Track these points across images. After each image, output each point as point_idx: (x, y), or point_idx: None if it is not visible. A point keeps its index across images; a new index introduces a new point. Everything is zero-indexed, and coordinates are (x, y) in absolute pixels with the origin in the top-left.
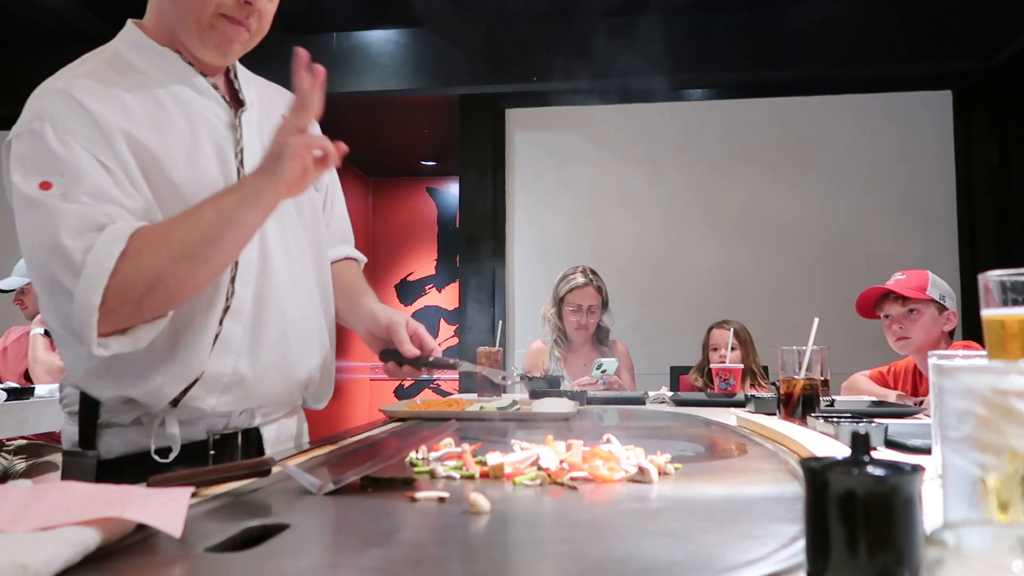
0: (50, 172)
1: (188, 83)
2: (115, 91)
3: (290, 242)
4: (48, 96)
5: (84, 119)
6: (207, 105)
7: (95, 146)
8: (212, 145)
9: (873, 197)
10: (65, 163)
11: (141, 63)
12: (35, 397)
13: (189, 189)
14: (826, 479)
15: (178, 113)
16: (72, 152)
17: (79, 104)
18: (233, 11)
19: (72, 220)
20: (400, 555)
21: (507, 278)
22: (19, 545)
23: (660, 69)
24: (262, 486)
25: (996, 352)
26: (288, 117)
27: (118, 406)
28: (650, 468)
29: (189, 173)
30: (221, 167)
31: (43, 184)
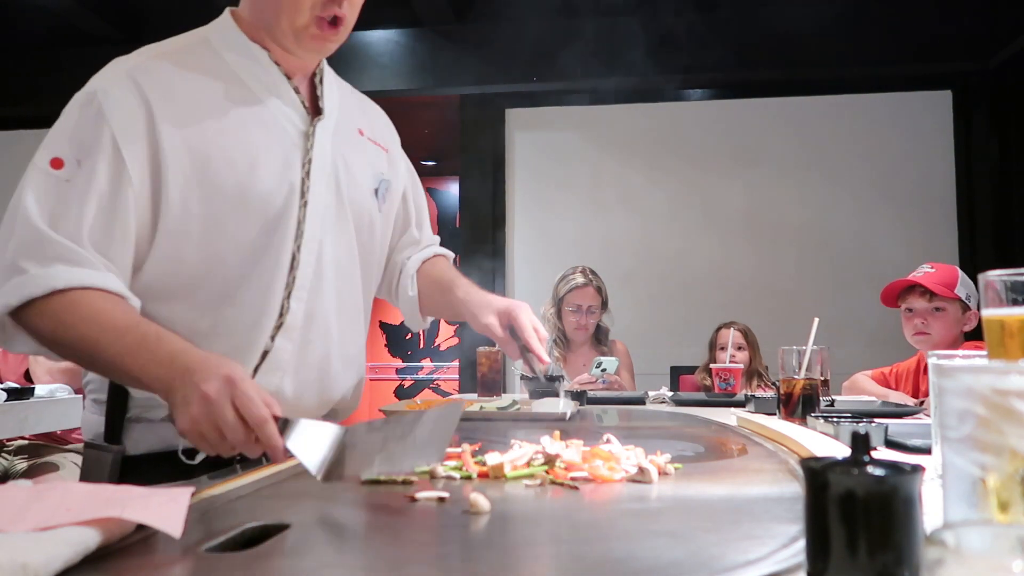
0: (72, 152)
1: (270, 85)
2: (190, 81)
3: (343, 259)
4: (113, 74)
5: (139, 108)
6: (284, 111)
7: (132, 140)
8: (280, 153)
9: (873, 197)
10: (87, 150)
11: (229, 56)
12: (35, 397)
13: (245, 191)
14: (826, 479)
15: (251, 116)
16: (99, 146)
17: (139, 91)
18: (326, 8)
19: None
20: (400, 555)
21: (507, 278)
22: (19, 545)
23: (660, 69)
24: (262, 486)
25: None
26: (266, 434)
27: (150, 400)
28: (650, 468)
29: (247, 177)
30: (284, 175)
31: (55, 161)
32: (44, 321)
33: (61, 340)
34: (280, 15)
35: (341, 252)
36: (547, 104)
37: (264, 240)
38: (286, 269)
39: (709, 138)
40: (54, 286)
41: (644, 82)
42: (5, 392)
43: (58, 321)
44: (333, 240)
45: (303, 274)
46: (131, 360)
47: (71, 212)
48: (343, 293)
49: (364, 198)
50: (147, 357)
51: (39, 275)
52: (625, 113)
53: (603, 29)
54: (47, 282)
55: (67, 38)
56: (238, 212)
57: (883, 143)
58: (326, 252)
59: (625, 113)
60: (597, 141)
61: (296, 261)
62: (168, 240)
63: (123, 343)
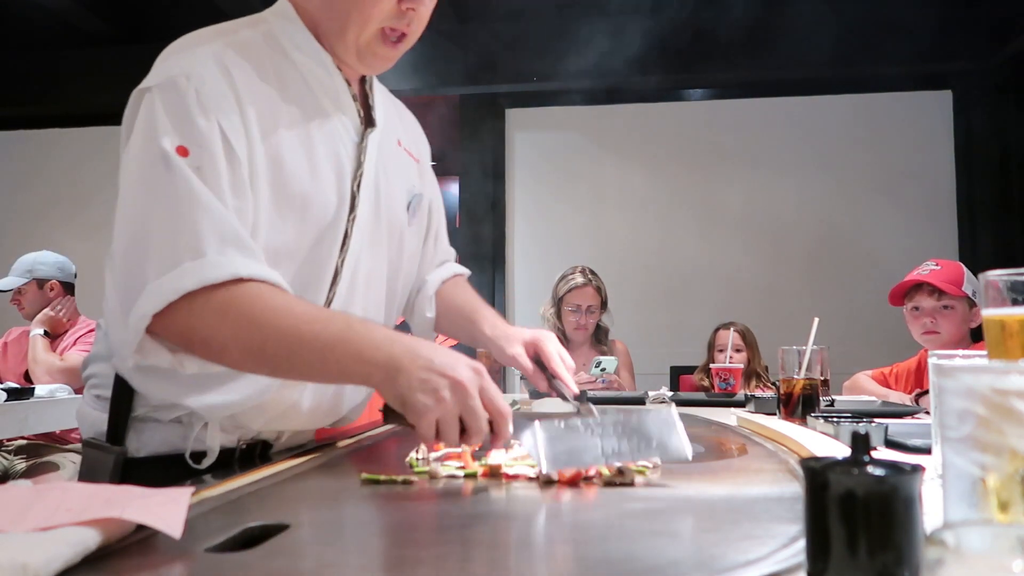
0: (189, 139)
1: (333, 93)
2: (265, 76)
3: (373, 274)
4: (200, 57)
5: (231, 95)
6: (343, 120)
7: (233, 128)
8: (336, 163)
9: (874, 197)
10: (203, 137)
11: (295, 53)
12: (35, 397)
13: (306, 200)
14: (826, 479)
15: (316, 122)
16: (211, 128)
17: (230, 77)
18: (395, 20)
19: (207, 217)
20: (400, 555)
21: (507, 278)
22: (19, 545)
23: (660, 69)
24: (262, 486)
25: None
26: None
27: (161, 400)
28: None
29: (309, 184)
30: (338, 187)
31: (180, 148)
32: (215, 317)
33: (240, 338)
34: (347, 27)
35: (373, 266)
36: (547, 104)
37: (314, 250)
38: (329, 281)
39: (709, 138)
40: (237, 273)
41: (644, 82)
42: (5, 392)
43: (239, 315)
44: (369, 254)
45: (342, 288)
46: (344, 346)
47: (220, 197)
48: (368, 309)
49: (398, 212)
50: (361, 341)
51: (219, 261)
52: (625, 113)
53: (603, 29)
54: (229, 267)
55: (67, 38)
56: (298, 218)
57: (883, 143)
58: (362, 266)
59: (625, 113)
60: (597, 141)
61: (339, 275)
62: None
63: (332, 329)
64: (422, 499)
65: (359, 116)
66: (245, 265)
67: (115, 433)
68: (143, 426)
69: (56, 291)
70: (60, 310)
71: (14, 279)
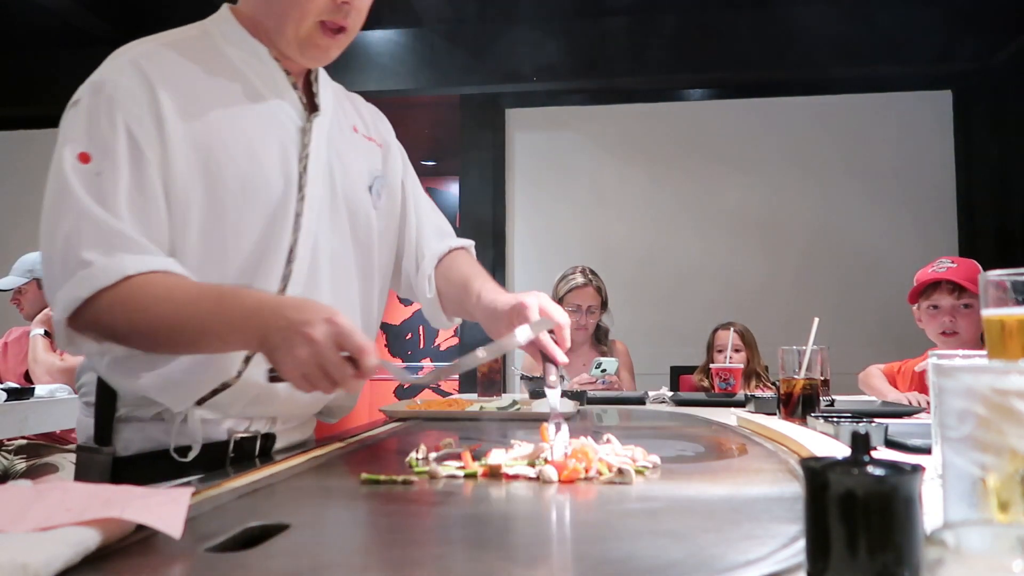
0: (93, 144)
1: (270, 80)
2: (192, 72)
3: (338, 254)
4: (119, 63)
5: (144, 98)
6: (283, 106)
7: (143, 131)
8: (278, 146)
9: (873, 197)
10: (107, 141)
11: (228, 49)
12: (35, 397)
13: (246, 183)
14: (826, 479)
15: (251, 107)
16: (117, 133)
17: (146, 80)
18: (331, 14)
19: (92, 226)
20: (400, 555)
21: (507, 278)
22: (19, 545)
23: (660, 69)
24: (262, 486)
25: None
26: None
27: (139, 399)
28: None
29: (248, 167)
30: (282, 169)
31: (83, 155)
32: (116, 311)
33: (138, 326)
34: (285, 23)
35: (336, 247)
36: (547, 104)
37: (263, 232)
38: (283, 262)
39: (709, 138)
40: (124, 272)
41: (645, 82)
42: (5, 392)
43: (132, 307)
44: (328, 235)
45: (299, 267)
46: (216, 320)
47: (111, 202)
48: (338, 288)
49: (359, 194)
50: (231, 312)
51: (106, 265)
52: (625, 113)
53: (603, 29)
54: (116, 270)
55: (67, 38)
56: (238, 203)
57: (883, 143)
58: (321, 246)
59: (625, 113)
60: (597, 141)
61: (293, 254)
62: (172, 230)
63: (204, 307)
64: (422, 499)
65: (302, 103)
66: (133, 263)
67: (102, 434)
68: (127, 426)
69: None
70: None
71: (14, 279)
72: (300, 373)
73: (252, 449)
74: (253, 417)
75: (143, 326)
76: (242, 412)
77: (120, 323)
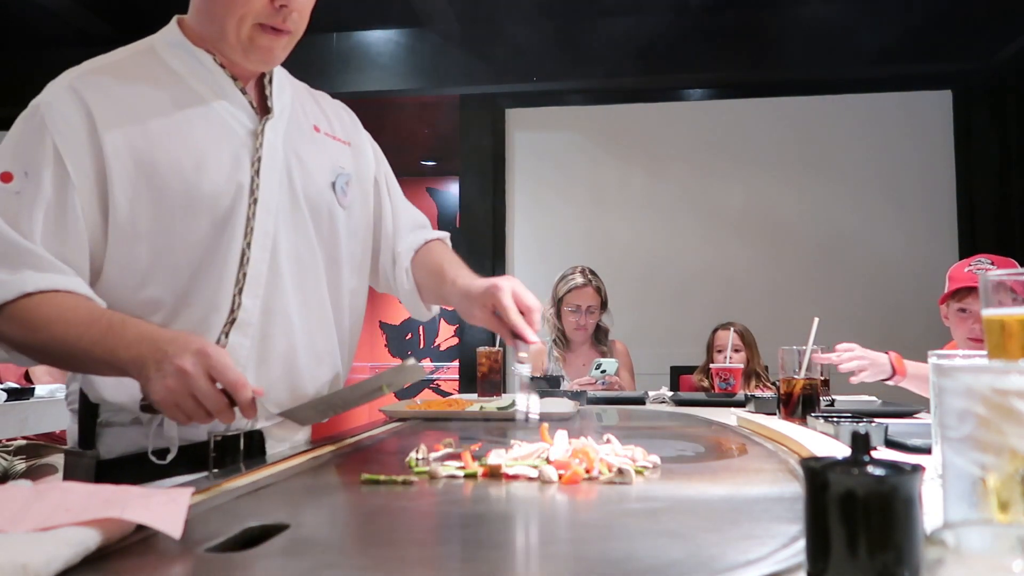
0: (18, 165)
1: (216, 88)
2: (133, 88)
3: (302, 254)
4: (57, 86)
5: (78, 116)
6: (231, 111)
7: (74, 148)
8: (229, 152)
9: (873, 197)
10: (33, 162)
11: (173, 62)
12: (35, 397)
13: (192, 193)
14: (826, 479)
15: (198, 117)
16: (45, 153)
17: (83, 104)
18: (269, 18)
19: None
20: (400, 555)
21: None
22: (19, 545)
23: (660, 69)
24: (262, 486)
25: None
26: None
27: (116, 405)
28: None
29: (193, 178)
30: (232, 174)
31: (5, 175)
32: (14, 326)
33: (32, 343)
34: (226, 28)
35: (300, 247)
36: (547, 104)
37: (213, 239)
38: (236, 266)
39: (709, 138)
40: (23, 289)
41: (644, 82)
42: (5, 392)
43: (27, 324)
44: (289, 236)
45: (256, 271)
46: (101, 348)
47: (24, 221)
48: (306, 288)
49: (321, 193)
50: (115, 341)
51: (8, 280)
52: (625, 113)
53: (603, 29)
54: (17, 286)
55: (67, 38)
56: (186, 212)
57: (883, 143)
58: (281, 248)
59: (625, 113)
60: (597, 141)
61: (247, 257)
62: (120, 242)
63: (91, 333)
64: (422, 499)
65: (252, 106)
66: (33, 280)
67: (85, 438)
68: (108, 430)
69: None
70: None
71: None
72: (172, 402)
73: (236, 447)
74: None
75: (37, 344)
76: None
77: (19, 338)
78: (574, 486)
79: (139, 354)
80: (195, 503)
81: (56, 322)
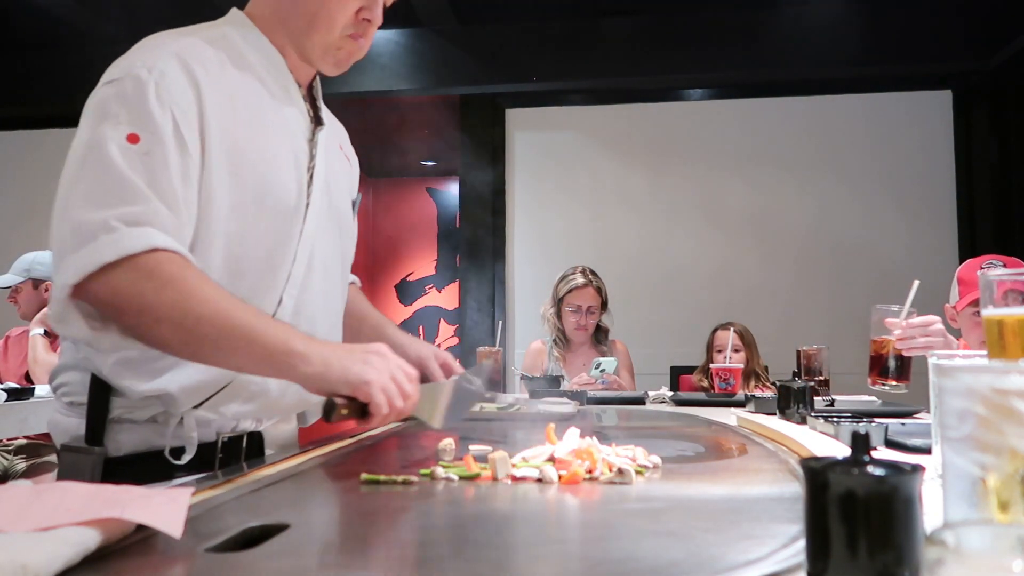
0: (142, 126)
1: (284, 89)
2: (227, 70)
3: (328, 261)
4: (163, 53)
5: (190, 91)
6: (295, 116)
7: (187, 122)
8: (292, 154)
9: (873, 197)
10: (156, 125)
11: (249, 53)
12: (35, 397)
13: (265, 189)
14: (826, 479)
15: (272, 114)
16: (165, 118)
17: (191, 73)
18: (357, 28)
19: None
20: (400, 555)
21: (507, 278)
22: (19, 545)
23: (660, 69)
24: (262, 486)
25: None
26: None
27: (136, 401)
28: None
29: (267, 173)
30: (295, 176)
31: (131, 136)
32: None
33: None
34: (312, 31)
35: (328, 253)
36: (547, 104)
37: (276, 237)
38: (288, 266)
39: (709, 138)
40: (153, 243)
41: (644, 82)
42: (5, 392)
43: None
44: (322, 242)
45: (296, 271)
46: (272, 336)
47: (157, 182)
48: (327, 293)
49: (346, 208)
50: (288, 333)
51: (132, 232)
52: (625, 113)
53: (603, 29)
54: (145, 239)
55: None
56: (258, 209)
57: (883, 143)
58: (316, 252)
59: (625, 113)
60: (597, 141)
61: (295, 260)
62: (203, 231)
63: (260, 319)
64: (422, 499)
65: (309, 115)
66: (162, 238)
67: (93, 435)
68: (120, 427)
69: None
70: None
71: (11, 277)
72: (381, 385)
73: (239, 449)
74: (241, 417)
75: (185, 314)
76: (237, 413)
77: (132, 301)
78: (574, 486)
79: (320, 351)
80: (195, 503)
81: (215, 295)
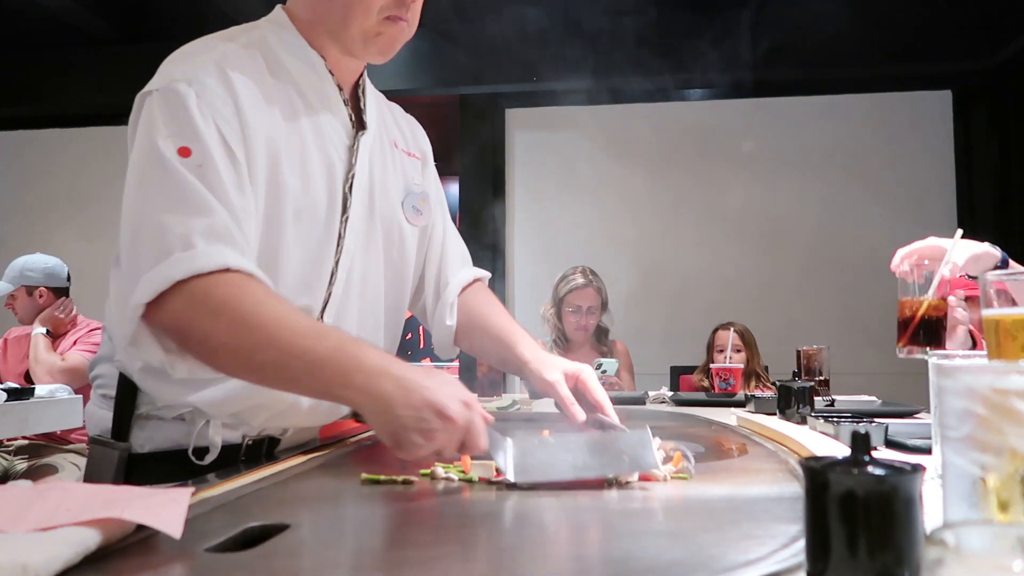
0: (190, 139)
1: (324, 96)
2: (265, 79)
3: (369, 274)
4: (202, 63)
5: (230, 101)
6: (334, 124)
7: (232, 132)
8: (325, 163)
9: (873, 197)
10: (203, 138)
11: (287, 58)
12: (35, 397)
13: (298, 201)
14: (826, 479)
15: (308, 123)
16: (210, 130)
17: (230, 83)
18: (395, 9)
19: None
20: (400, 555)
21: (507, 278)
22: (19, 545)
23: (660, 69)
24: (262, 486)
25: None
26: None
27: (163, 399)
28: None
29: (303, 186)
30: (328, 186)
31: (183, 150)
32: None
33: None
34: (349, 20)
35: (369, 267)
36: (547, 104)
37: (314, 251)
38: (327, 283)
39: (709, 138)
40: (226, 263)
41: (645, 82)
42: (5, 392)
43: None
44: (363, 255)
45: (336, 289)
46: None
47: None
48: (365, 308)
49: (394, 213)
50: (353, 367)
51: (208, 251)
52: (625, 113)
53: (603, 29)
54: (218, 257)
55: (67, 38)
56: (294, 221)
57: (883, 143)
58: (356, 267)
59: (625, 113)
60: (597, 141)
61: (334, 276)
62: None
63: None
64: (422, 499)
65: (350, 120)
66: (235, 258)
67: (119, 430)
68: (147, 423)
69: (46, 297)
70: (62, 311)
71: (4, 284)
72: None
73: (259, 450)
74: (268, 425)
75: (241, 343)
76: (266, 422)
77: (213, 332)
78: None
79: (384, 391)
80: (195, 503)
81: (276, 323)
